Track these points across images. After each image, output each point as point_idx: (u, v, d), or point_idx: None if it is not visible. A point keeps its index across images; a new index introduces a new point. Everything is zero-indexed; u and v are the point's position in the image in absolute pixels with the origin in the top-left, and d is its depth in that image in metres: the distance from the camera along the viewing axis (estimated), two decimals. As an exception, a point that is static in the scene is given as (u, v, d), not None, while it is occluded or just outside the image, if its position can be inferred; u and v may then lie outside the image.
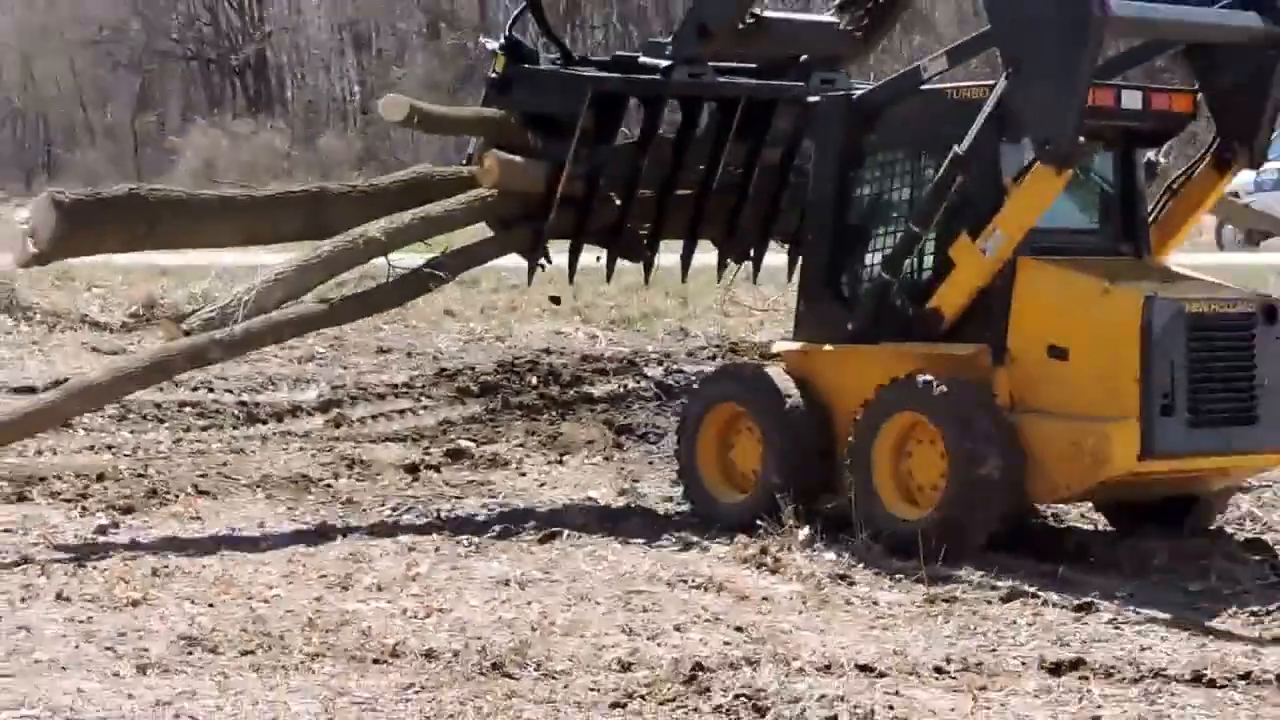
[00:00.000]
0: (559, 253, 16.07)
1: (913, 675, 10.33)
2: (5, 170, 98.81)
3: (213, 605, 11.81)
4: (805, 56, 15.62)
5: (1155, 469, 12.98)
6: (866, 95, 14.39)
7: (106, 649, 10.72)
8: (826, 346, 13.94)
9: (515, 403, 19.53)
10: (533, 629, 11.24)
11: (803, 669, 10.37)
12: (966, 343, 13.24)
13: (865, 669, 10.38)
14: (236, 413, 18.82)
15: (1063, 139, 12.71)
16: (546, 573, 12.92)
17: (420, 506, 15.10)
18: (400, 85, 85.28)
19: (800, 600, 12.12)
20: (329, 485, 15.70)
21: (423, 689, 9.96)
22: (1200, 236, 31.54)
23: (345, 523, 14.40)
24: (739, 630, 11.24)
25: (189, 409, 18.91)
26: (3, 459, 16.02)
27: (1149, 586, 12.50)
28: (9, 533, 13.78)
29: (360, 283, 16.61)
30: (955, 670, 10.45)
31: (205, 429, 18.20)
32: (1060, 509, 14.75)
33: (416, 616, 11.59)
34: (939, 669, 10.46)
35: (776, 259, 18.11)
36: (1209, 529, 13.85)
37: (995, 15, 13.25)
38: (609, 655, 10.62)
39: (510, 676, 10.22)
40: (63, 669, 10.29)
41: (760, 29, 15.24)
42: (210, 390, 19.90)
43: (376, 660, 10.52)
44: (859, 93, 14.58)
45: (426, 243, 15.58)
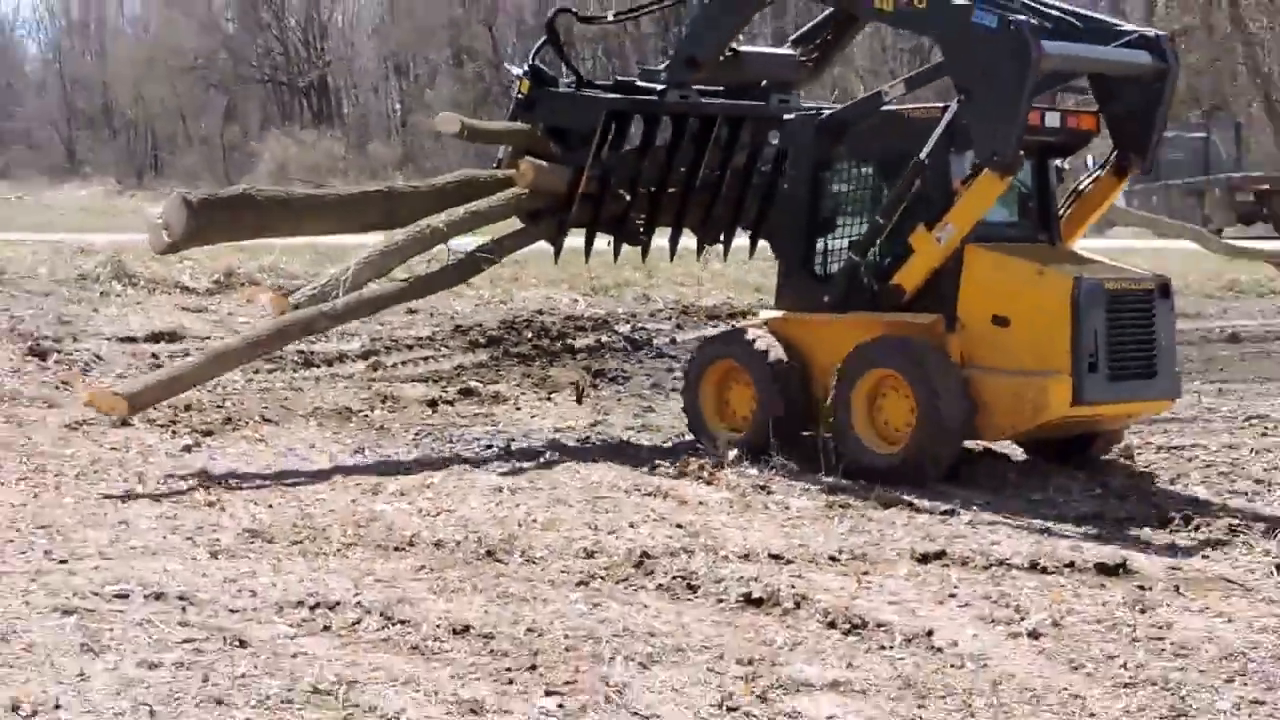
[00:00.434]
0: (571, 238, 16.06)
1: (812, 562, 10.49)
2: (121, 169, 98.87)
3: (271, 506, 11.94)
4: (765, 81, 15.54)
5: (1081, 414, 13.03)
6: (835, 114, 14.33)
7: (187, 539, 10.89)
8: (804, 315, 13.89)
9: (514, 352, 19.62)
10: (519, 525, 11.38)
11: (727, 556, 10.52)
12: (924, 313, 13.21)
13: (776, 557, 10.54)
14: (295, 359, 18.77)
15: (1007, 151, 12.73)
16: (532, 482, 13.00)
17: (437, 432, 15.18)
18: (432, 104, 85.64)
19: (728, 505, 12.21)
20: (366, 415, 15.80)
21: (432, 570, 10.14)
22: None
23: (378, 444, 14.54)
24: (679, 527, 11.37)
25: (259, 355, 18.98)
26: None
27: (1001, 498, 12.64)
28: (115, 450, 13.79)
29: (425, 265, 16.62)
30: (845, 559, 10.59)
31: (270, 371, 18.17)
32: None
33: (429, 515, 11.71)
34: (833, 557, 10.61)
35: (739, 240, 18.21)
36: (1103, 458, 13.92)
37: (951, 53, 13.31)
38: (577, 545, 10.78)
39: (500, 561, 10.40)
40: (153, 554, 10.43)
41: (735, 60, 15.12)
42: (274, 339, 20.00)
43: (397, 548, 10.69)
44: (828, 112, 14.52)
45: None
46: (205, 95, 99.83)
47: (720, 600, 9.56)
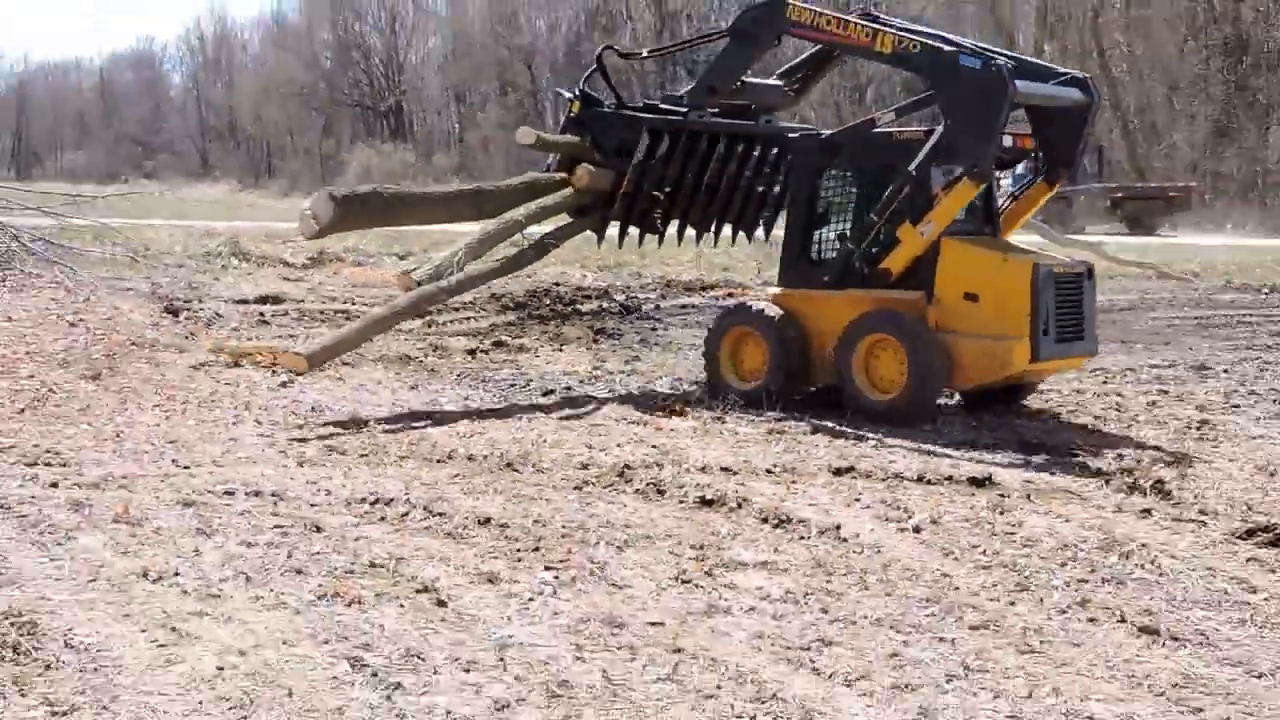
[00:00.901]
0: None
1: (752, 474, 10.55)
2: (242, 173, 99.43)
3: (345, 427, 12.02)
4: (754, 105, 15.33)
5: (1033, 368, 13.04)
6: (834, 135, 14.10)
7: (280, 452, 11.03)
8: (805, 291, 13.64)
9: (535, 314, 19.57)
10: (532, 444, 11.43)
11: (689, 469, 10.58)
12: (908, 290, 13.06)
13: (725, 469, 10.61)
14: None
15: (985, 164, 12.73)
16: (545, 412, 13.06)
17: (474, 374, 15.18)
18: (483, 124, 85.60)
19: (693, 431, 12.25)
20: (420, 361, 15.78)
21: (464, 477, 10.26)
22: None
23: (428, 383, 14.54)
24: (654, 447, 11.41)
25: (340, 314, 18.98)
26: (227, 343, 16.24)
27: (901, 429, 12.40)
28: (228, 385, 13.80)
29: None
30: (778, 471, 10.65)
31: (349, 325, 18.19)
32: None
33: (464, 436, 11.78)
34: (768, 470, 10.67)
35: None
36: (1023, 402, 13.88)
37: (940, 87, 13.03)
38: (575, 459, 10.86)
39: (516, 470, 10.50)
40: (253, 462, 10.59)
41: (741, 89, 14.81)
42: (352, 302, 19.95)
43: (439, 460, 10.81)
44: (827, 133, 14.28)
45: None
46: (308, 116, 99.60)
47: (681, 501, 9.65)
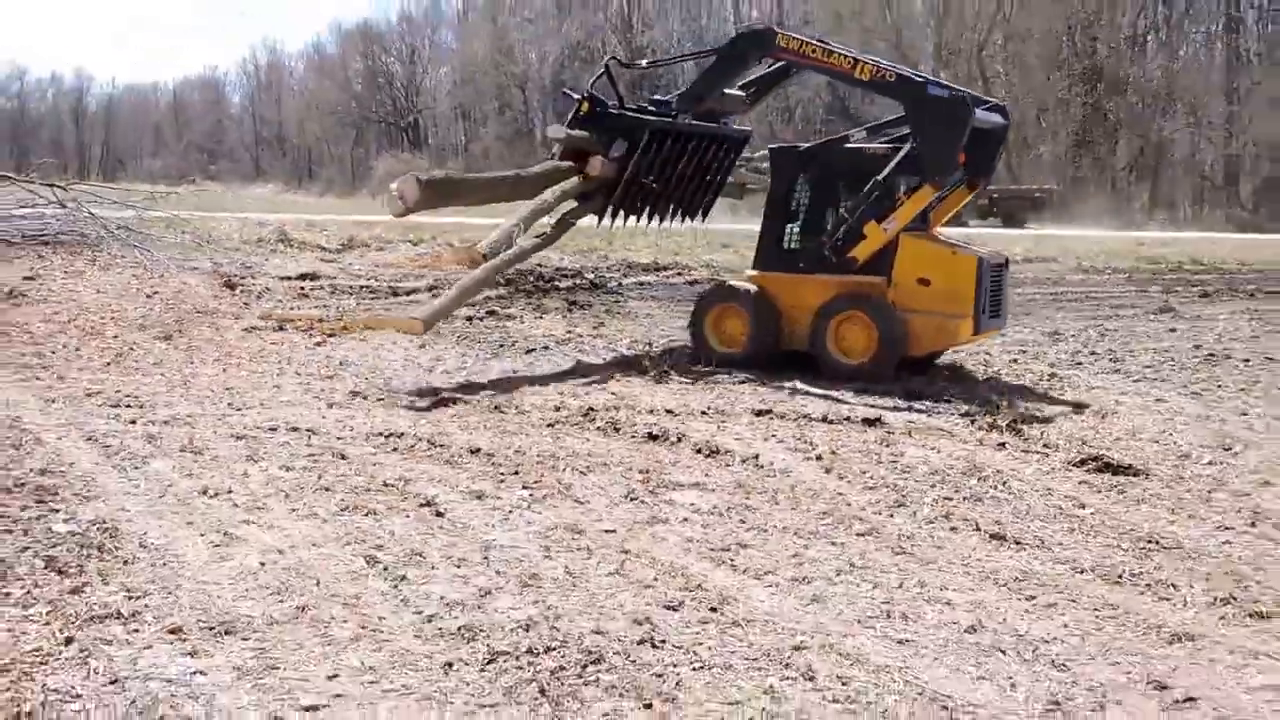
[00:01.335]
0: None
1: (691, 415, 10.60)
2: (287, 176, 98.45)
3: (367, 379, 12.01)
4: (718, 111, 14.83)
5: (972, 340, 13.23)
6: (810, 147, 13.97)
7: (314, 397, 11.01)
8: (780, 274, 13.42)
9: (521, 289, 19.34)
10: (515, 391, 11.46)
11: (640, 411, 10.64)
12: (871, 275, 12.98)
13: (669, 411, 10.67)
14: (387, 291, 18.74)
15: (947, 174, 12.81)
16: (529, 367, 13.07)
17: (471, 337, 15.12)
18: (484, 137, 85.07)
19: (645, 381, 12.23)
20: None
21: (461, 416, 10.29)
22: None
23: (434, 343, 14.36)
24: (613, 394, 11.46)
25: (364, 289, 18.93)
26: (275, 310, 16.23)
27: (819, 382, 12.41)
28: (274, 345, 13.77)
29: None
30: (711, 413, 10.71)
31: (372, 298, 18.15)
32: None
33: (462, 385, 11.81)
34: (703, 412, 10.72)
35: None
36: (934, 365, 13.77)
37: (911, 110, 12.88)
38: (551, 403, 10.89)
39: (502, 412, 10.52)
40: (293, 405, 10.59)
41: (719, 98, 14.47)
42: (375, 279, 19.86)
43: (442, 404, 10.79)
44: (805, 145, 14.14)
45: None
46: (341, 130, 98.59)
47: (633, 436, 9.73)
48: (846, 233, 13.09)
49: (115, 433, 9.21)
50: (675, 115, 14.37)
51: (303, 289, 18.49)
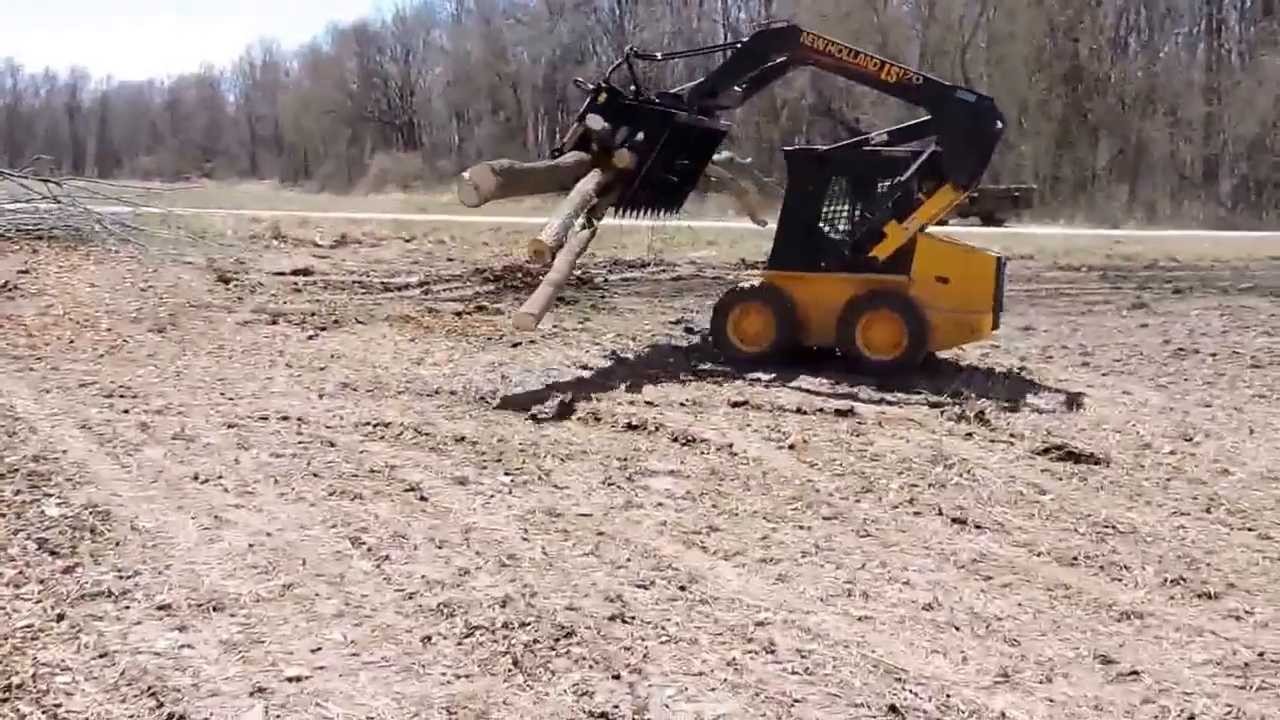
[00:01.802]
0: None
1: (670, 406, 10.72)
2: (283, 173, 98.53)
3: (357, 371, 12.07)
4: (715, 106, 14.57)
5: (989, 335, 13.53)
6: (829, 149, 13.96)
7: (305, 387, 11.11)
8: (799, 273, 13.33)
9: (510, 285, 19.36)
10: (500, 383, 11.53)
11: (620, 402, 10.77)
12: (892, 274, 13.03)
13: (649, 403, 10.80)
14: (379, 286, 18.77)
15: (971, 177, 12.97)
16: (512, 359, 13.12)
17: (459, 331, 15.09)
18: (477, 137, 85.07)
19: (626, 374, 12.32)
20: (418, 320, 15.70)
21: (447, 407, 10.39)
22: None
23: (424, 337, 14.48)
24: (595, 386, 11.54)
25: (357, 284, 18.97)
26: (268, 305, 16.31)
27: (793, 374, 12.51)
28: (266, 338, 13.86)
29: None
30: (688, 404, 10.84)
31: (364, 293, 18.15)
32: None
33: (449, 376, 11.86)
34: (681, 403, 10.84)
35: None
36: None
37: (937, 114, 12.96)
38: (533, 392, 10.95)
39: (487, 402, 10.61)
40: (284, 395, 10.70)
41: (725, 94, 14.31)
42: (367, 275, 19.89)
43: (428, 395, 10.90)
44: (824, 148, 14.13)
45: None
46: (336, 128, 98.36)
47: (614, 426, 9.86)
48: (867, 232, 13.15)
49: (108, 421, 9.33)
50: (690, 109, 14.08)
51: (296, 284, 18.54)
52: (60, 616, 5.39)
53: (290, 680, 4.84)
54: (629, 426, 9.80)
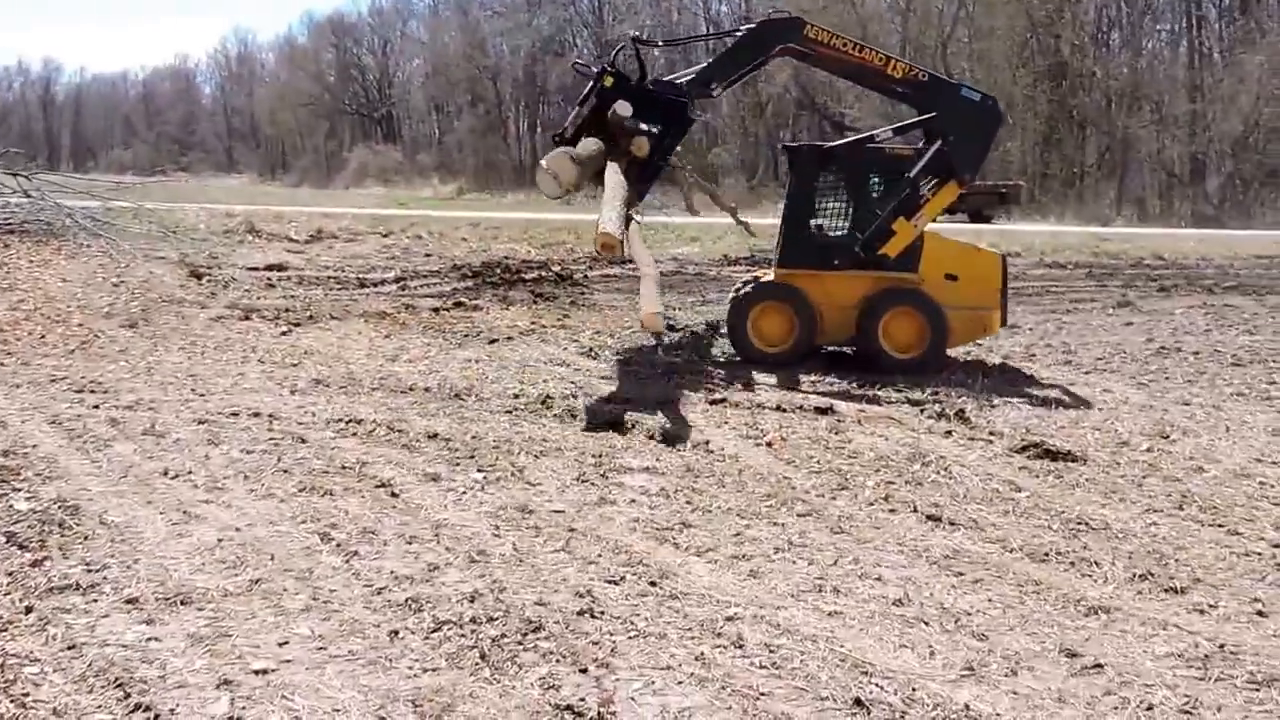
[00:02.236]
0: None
1: (646, 403, 10.74)
2: (260, 167, 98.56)
3: (329, 367, 12.12)
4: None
5: (998, 330, 13.84)
6: (833, 146, 14.01)
7: (278, 384, 11.15)
8: (810, 271, 13.36)
9: (488, 281, 19.41)
10: (476, 380, 11.58)
11: (596, 399, 10.85)
12: (901, 272, 13.22)
13: (626, 400, 10.83)
14: (354, 282, 18.72)
15: (975, 172, 13.36)
16: (489, 357, 13.10)
17: (436, 327, 15.15)
18: (457, 130, 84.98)
19: (603, 371, 12.47)
20: (394, 316, 15.78)
21: (420, 404, 10.44)
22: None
23: (399, 333, 14.54)
24: (572, 383, 11.63)
25: (332, 280, 18.99)
26: (242, 300, 16.34)
27: (777, 373, 12.62)
28: (239, 334, 13.90)
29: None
30: (667, 401, 10.86)
31: (339, 288, 18.13)
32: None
33: (424, 373, 11.88)
34: (659, 401, 10.87)
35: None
36: None
37: (943, 112, 13.12)
38: (509, 391, 11.04)
39: (462, 399, 10.67)
40: (256, 392, 10.73)
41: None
42: (342, 270, 19.87)
43: (402, 391, 10.93)
44: (827, 145, 14.16)
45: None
46: (314, 121, 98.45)
47: (589, 423, 9.93)
48: (876, 230, 13.26)
49: (78, 417, 9.39)
50: (690, 99, 13.95)
51: (270, 280, 18.59)
52: (28, 609, 5.47)
53: (256, 673, 4.93)
54: (605, 423, 9.88)
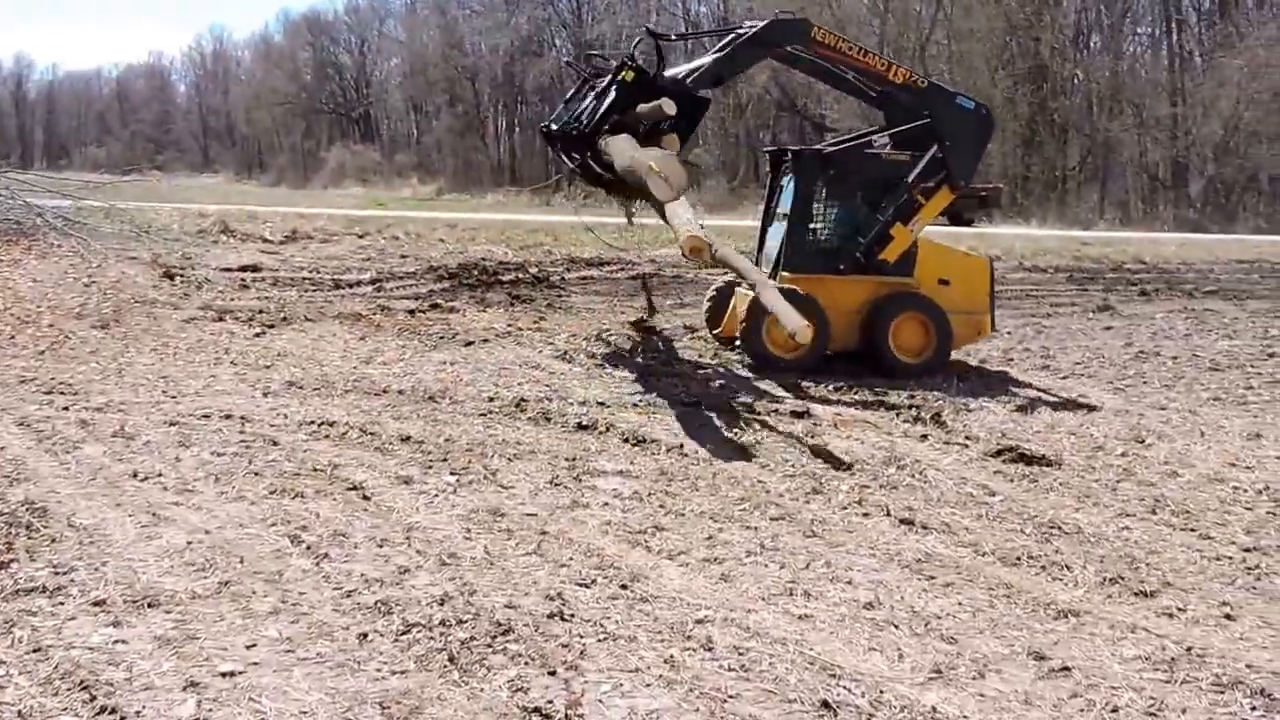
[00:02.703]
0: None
1: (622, 406, 10.85)
2: (237, 166, 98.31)
3: (303, 369, 12.12)
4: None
5: (989, 335, 14.38)
6: (833, 151, 14.08)
7: (250, 386, 11.14)
8: (815, 276, 13.39)
9: (465, 283, 19.32)
10: (451, 383, 11.60)
11: (572, 403, 10.86)
12: (899, 276, 13.51)
13: (600, 403, 10.90)
14: (330, 283, 18.55)
15: (968, 178, 13.75)
16: (465, 359, 13.13)
17: (412, 329, 15.13)
18: (436, 129, 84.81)
19: (578, 374, 12.48)
20: (369, 318, 15.75)
21: (394, 406, 10.45)
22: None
23: (374, 335, 14.52)
24: (547, 385, 11.68)
25: (306, 281, 18.90)
26: (215, 302, 16.32)
27: (754, 376, 12.77)
28: (212, 335, 13.80)
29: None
30: (641, 404, 10.98)
31: (314, 290, 18.05)
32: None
33: (398, 375, 11.91)
34: (634, 404, 10.98)
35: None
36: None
37: (939, 118, 13.41)
38: (485, 394, 11.07)
39: (436, 402, 10.70)
40: (228, 394, 10.73)
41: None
42: (317, 272, 19.76)
43: (376, 394, 10.94)
44: (826, 149, 14.28)
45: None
46: (291, 120, 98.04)
47: (564, 426, 9.98)
48: (876, 235, 13.53)
49: (48, 418, 9.39)
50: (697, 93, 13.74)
51: (243, 280, 18.52)
52: (-7, 613, 5.49)
53: (224, 675, 4.96)
54: (579, 426, 9.94)
